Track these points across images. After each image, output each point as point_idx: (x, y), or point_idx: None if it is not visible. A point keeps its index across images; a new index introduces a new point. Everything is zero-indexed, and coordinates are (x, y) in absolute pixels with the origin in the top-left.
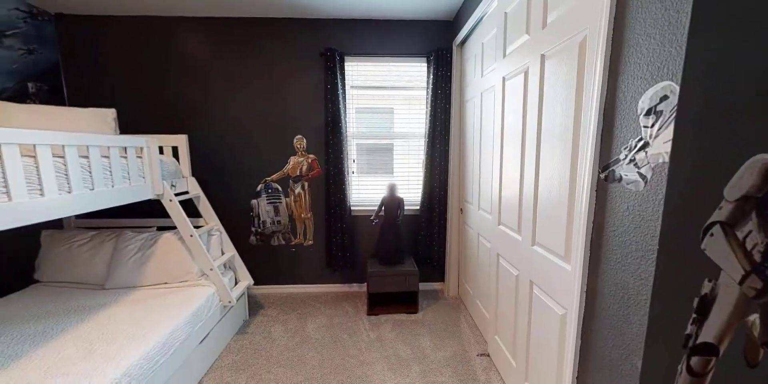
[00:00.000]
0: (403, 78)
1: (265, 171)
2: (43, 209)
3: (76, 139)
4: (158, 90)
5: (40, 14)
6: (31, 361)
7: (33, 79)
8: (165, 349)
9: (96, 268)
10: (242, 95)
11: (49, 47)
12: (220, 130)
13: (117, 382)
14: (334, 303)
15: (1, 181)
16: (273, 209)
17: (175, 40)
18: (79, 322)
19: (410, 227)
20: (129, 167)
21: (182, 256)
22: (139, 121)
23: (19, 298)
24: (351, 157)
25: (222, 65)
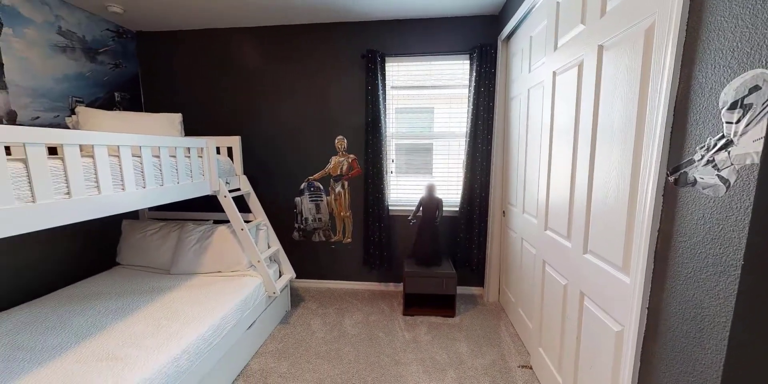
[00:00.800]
0: (444, 76)
1: (308, 170)
2: (124, 202)
3: (150, 141)
4: (217, 95)
5: (125, 33)
6: (111, 333)
7: (118, 90)
8: (218, 332)
9: (164, 255)
10: (289, 98)
11: (132, 61)
12: (269, 131)
13: (177, 358)
14: (371, 301)
15: (93, 177)
16: (314, 207)
17: (231, 50)
18: (149, 302)
19: (449, 229)
20: (191, 166)
21: (234, 248)
22: (200, 124)
23: (104, 278)
24: (390, 157)
25: (271, 71)
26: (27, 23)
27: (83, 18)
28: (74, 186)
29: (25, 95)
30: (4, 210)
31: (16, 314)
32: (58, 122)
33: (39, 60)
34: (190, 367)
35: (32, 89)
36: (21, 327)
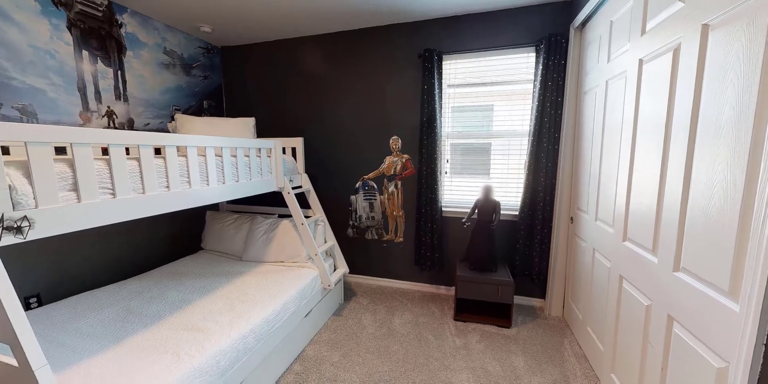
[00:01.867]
0: (506, 72)
1: (363, 169)
2: (208, 195)
3: (229, 142)
4: (283, 100)
5: (212, 49)
6: (195, 307)
7: (206, 98)
8: (280, 316)
9: (237, 243)
10: (346, 100)
11: (217, 73)
12: (328, 132)
13: (245, 336)
14: (421, 302)
15: (186, 174)
16: (368, 205)
17: (296, 58)
18: (225, 284)
19: (507, 234)
20: (261, 164)
21: (295, 241)
22: (269, 126)
23: (191, 260)
24: (445, 158)
25: (331, 75)
26: (142, 46)
27: (182, 39)
28: (172, 181)
29: (140, 105)
30: (125, 199)
31: (130, 284)
32: (163, 127)
33: (150, 76)
34: (255, 345)
35: (145, 100)
36: (132, 295)
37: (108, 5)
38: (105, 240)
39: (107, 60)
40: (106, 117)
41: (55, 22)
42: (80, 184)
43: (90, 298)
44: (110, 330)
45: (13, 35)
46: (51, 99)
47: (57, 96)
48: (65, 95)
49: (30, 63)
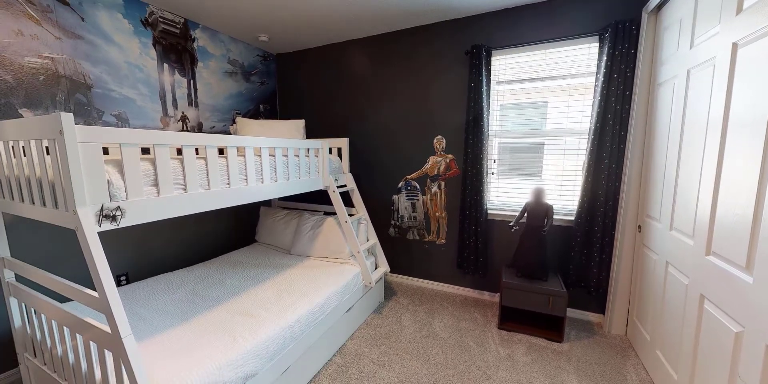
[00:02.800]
0: (563, 65)
1: (406, 169)
2: (262, 192)
3: (281, 143)
4: (330, 102)
5: (269, 56)
6: (249, 295)
7: (262, 102)
8: (323, 309)
9: (286, 238)
10: (391, 101)
11: (272, 79)
12: (372, 132)
13: (292, 325)
14: (462, 306)
15: (244, 172)
16: (410, 205)
17: (343, 61)
18: (274, 275)
19: (560, 240)
20: (310, 164)
21: (338, 238)
22: (317, 127)
23: (247, 251)
24: (492, 158)
25: (377, 76)
26: (210, 57)
27: (243, 48)
28: (232, 178)
29: (207, 111)
30: (194, 194)
31: (196, 270)
32: (225, 129)
33: (216, 84)
34: (300, 335)
35: (211, 106)
36: (198, 280)
37: (184, 23)
38: (178, 229)
39: (182, 71)
40: (180, 121)
41: (143, 40)
42: (160, 180)
43: (165, 280)
44: (180, 309)
45: (114, 54)
46: (139, 107)
47: (144, 104)
48: (150, 103)
49: (125, 76)
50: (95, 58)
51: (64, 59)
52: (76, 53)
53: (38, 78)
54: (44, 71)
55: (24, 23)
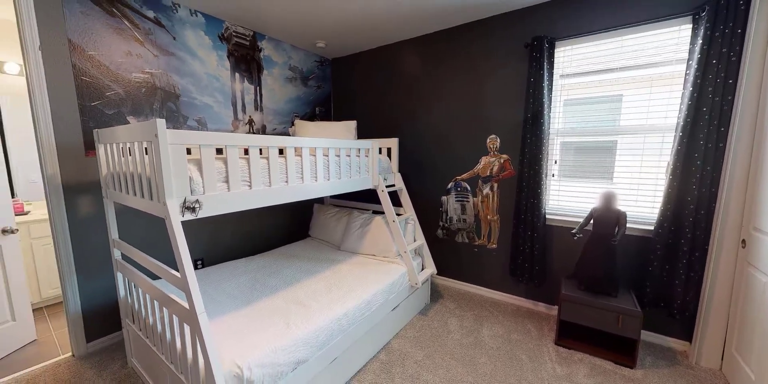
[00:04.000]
0: (644, 53)
1: (456, 169)
2: (316, 190)
3: (334, 143)
4: (382, 102)
5: (325, 61)
6: (302, 286)
7: (318, 105)
8: (369, 305)
9: (337, 234)
10: (442, 99)
11: (327, 82)
12: (422, 131)
13: (340, 318)
14: (515, 316)
15: (300, 170)
16: (460, 207)
17: (395, 61)
18: (325, 268)
19: (634, 252)
20: (360, 164)
21: (386, 237)
22: (368, 128)
23: (301, 245)
24: (552, 158)
25: (428, 75)
26: (274, 65)
27: (302, 55)
28: (290, 176)
29: (270, 114)
30: (257, 190)
31: (257, 260)
32: (285, 131)
33: (278, 89)
34: (347, 328)
35: (273, 110)
36: (258, 269)
37: (253, 35)
38: (243, 222)
39: (250, 79)
40: (247, 124)
41: (220, 53)
42: (230, 177)
43: (231, 267)
44: (243, 294)
45: (197, 67)
46: (215, 112)
47: (219, 110)
48: (224, 109)
49: (204, 86)
50: (183, 71)
51: (159, 73)
52: (169, 68)
53: (141, 90)
54: (145, 84)
55: (132, 45)
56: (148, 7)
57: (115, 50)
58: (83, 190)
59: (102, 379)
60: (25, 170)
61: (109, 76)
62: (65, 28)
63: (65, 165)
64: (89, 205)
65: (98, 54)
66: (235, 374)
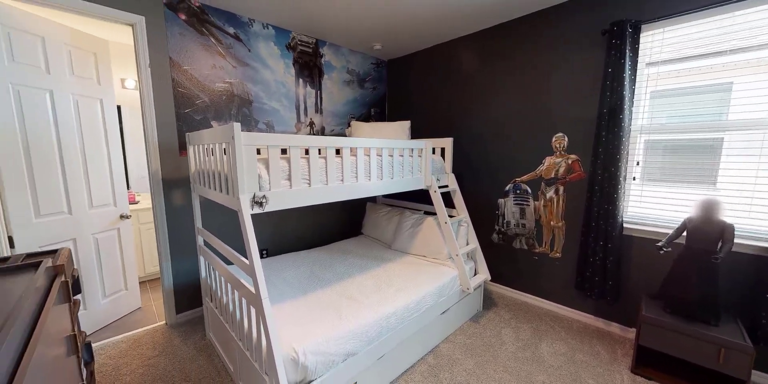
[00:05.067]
0: (762, 30)
1: (514, 171)
2: (370, 189)
3: (388, 144)
4: (436, 102)
5: (380, 63)
6: (353, 281)
7: (373, 106)
8: (418, 307)
9: (388, 233)
10: (501, 96)
11: (382, 84)
12: (478, 131)
13: (389, 316)
14: (581, 335)
15: (354, 170)
16: (519, 211)
17: (451, 59)
18: (375, 266)
19: (742, 273)
20: (413, 164)
21: (437, 238)
22: (422, 127)
23: (354, 241)
24: (634, 159)
25: (486, 71)
26: (333, 69)
27: (359, 58)
28: (345, 175)
29: (328, 116)
30: (315, 188)
31: (314, 253)
32: (342, 132)
33: (336, 92)
34: (396, 326)
35: (332, 112)
36: (314, 262)
37: (315, 43)
38: (303, 218)
39: (312, 84)
40: (308, 126)
41: (286, 61)
42: (292, 175)
43: (291, 258)
44: (301, 283)
45: (267, 75)
46: (281, 116)
47: (284, 113)
48: (288, 112)
49: (273, 92)
50: (255, 79)
51: (237, 82)
52: (245, 77)
53: (222, 98)
54: (225, 93)
55: (216, 58)
56: (229, 25)
57: (203, 64)
58: (177, 185)
59: (186, 347)
60: (137, 167)
61: (198, 86)
62: (167, 48)
63: (164, 163)
64: (181, 198)
65: (191, 68)
66: (291, 358)
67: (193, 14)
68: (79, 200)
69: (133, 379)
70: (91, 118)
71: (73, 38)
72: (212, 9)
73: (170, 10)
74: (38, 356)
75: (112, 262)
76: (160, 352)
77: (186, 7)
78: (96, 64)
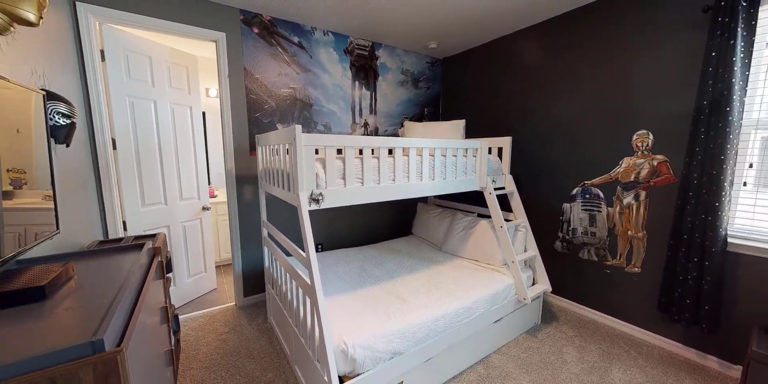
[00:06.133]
0: None
1: (584, 172)
2: (422, 189)
3: (441, 143)
4: (493, 99)
5: (435, 62)
6: (402, 281)
7: (426, 106)
8: (469, 313)
9: (439, 234)
10: (571, 91)
11: (436, 83)
12: (541, 129)
13: (437, 319)
14: (664, 365)
15: (406, 170)
16: (588, 217)
17: (510, 54)
18: (425, 267)
19: None
20: (467, 164)
21: (491, 243)
22: (477, 127)
23: (404, 241)
24: (745, 159)
25: (552, 65)
26: (388, 71)
27: (414, 58)
28: (397, 175)
29: (382, 117)
30: (368, 187)
31: (365, 251)
32: (394, 132)
33: (390, 93)
34: (443, 330)
35: (385, 113)
36: (365, 259)
37: (371, 46)
38: (355, 215)
39: (367, 85)
40: (363, 127)
41: (344, 65)
42: (346, 174)
43: (344, 254)
44: (352, 279)
45: (326, 79)
46: (338, 117)
47: (341, 115)
48: (345, 114)
49: (331, 95)
50: (315, 83)
51: (299, 87)
52: (306, 82)
53: (286, 102)
54: (289, 98)
55: (282, 66)
56: (294, 34)
57: (272, 72)
58: (247, 182)
59: (251, 328)
60: (215, 165)
61: (266, 92)
62: (242, 59)
63: (238, 162)
64: (250, 193)
65: (261, 76)
66: (341, 349)
67: (264, 27)
68: (173, 193)
69: (209, 350)
70: (183, 123)
71: (171, 55)
72: (280, 21)
73: (246, 25)
74: (141, 321)
75: (195, 248)
76: (230, 330)
77: (259, 21)
78: (187, 76)
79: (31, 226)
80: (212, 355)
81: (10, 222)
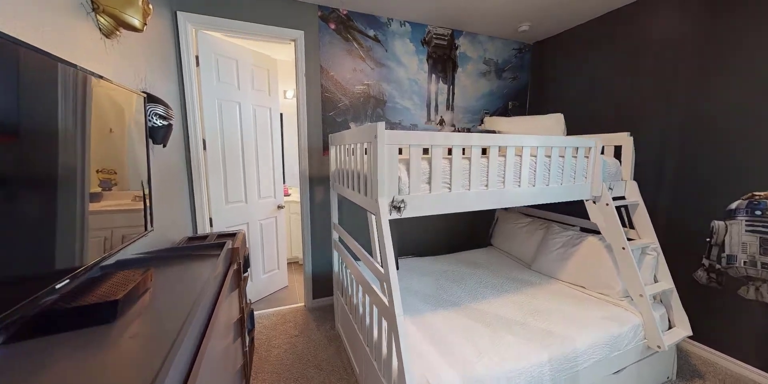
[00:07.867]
0: None
1: (747, 180)
2: (518, 196)
3: (546, 141)
4: (596, 90)
5: (524, 48)
6: (488, 306)
7: (511, 99)
8: (581, 359)
9: (527, 249)
10: (717, 74)
11: (524, 73)
12: (673, 123)
13: (542, 364)
14: None
15: (502, 173)
16: (758, 241)
17: (624, 31)
18: (514, 290)
19: None
20: (576, 167)
21: (605, 267)
22: (578, 122)
23: (482, 253)
24: None
25: (689, 40)
26: (468, 61)
27: (499, 45)
28: (491, 180)
29: (460, 112)
30: (457, 193)
31: (439, 262)
32: (474, 130)
33: (470, 86)
34: (550, 380)
35: (464, 108)
36: (441, 272)
37: (451, 34)
38: (427, 218)
39: (445, 79)
40: (438, 124)
41: (420, 57)
42: (432, 178)
43: (417, 263)
44: (427, 296)
45: (401, 73)
46: (412, 114)
47: (415, 112)
48: (419, 111)
49: (405, 91)
50: (390, 78)
51: (373, 84)
52: (380, 77)
53: (360, 100)
54: (363, 94)
55: (357, 62)
56: (369, 27)
57: (346, 68)
58: (320, 182)
59: (319, 332)
60: (289, 165)
61: (341, 90)
62: (319, 56)
63: (311, 162)
64: (322, 194)
65: (336, 74)
66: None
67: (341, 22)
68: (252, 192)
69: (279, 353)
70: (263, 123)
71: (254, 58)
72: (357, 14)
73: (323, 21)
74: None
75: (270, 245)
76: (300, 333)
77: (336, 17)
78: (268, 79)
79: (118, 228)
80: (282, 360)
81: (97, 226)
